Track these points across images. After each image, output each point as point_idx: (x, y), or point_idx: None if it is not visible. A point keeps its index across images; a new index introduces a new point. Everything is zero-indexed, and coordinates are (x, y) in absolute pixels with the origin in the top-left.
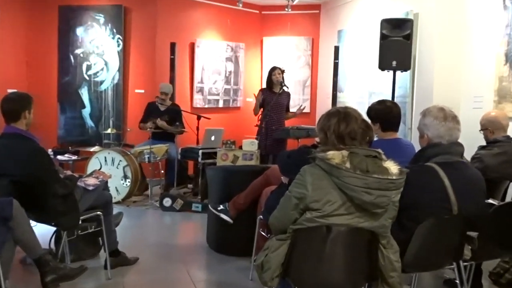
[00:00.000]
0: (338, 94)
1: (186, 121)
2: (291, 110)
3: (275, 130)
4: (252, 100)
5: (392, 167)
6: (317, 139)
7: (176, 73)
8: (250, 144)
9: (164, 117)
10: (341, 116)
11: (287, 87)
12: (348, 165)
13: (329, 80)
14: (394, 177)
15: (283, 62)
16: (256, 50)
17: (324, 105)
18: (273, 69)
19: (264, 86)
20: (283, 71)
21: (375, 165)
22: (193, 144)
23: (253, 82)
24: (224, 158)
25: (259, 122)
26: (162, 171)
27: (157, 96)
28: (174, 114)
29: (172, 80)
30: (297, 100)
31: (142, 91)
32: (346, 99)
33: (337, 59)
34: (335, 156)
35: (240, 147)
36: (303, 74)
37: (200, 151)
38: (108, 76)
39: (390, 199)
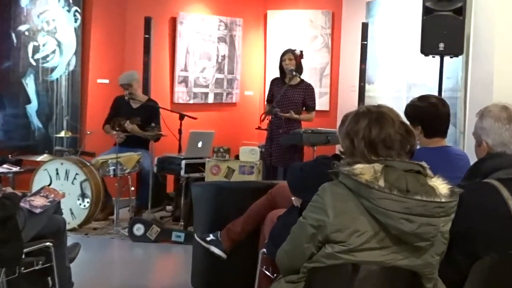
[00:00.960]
0: (367, 87)
1: (164, 121)
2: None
3: (282, 135)
4: (251, 94)
5: (441, 185)
6: (340, 148)
7: (151, 58)
8: (250, 153)
9: (136, 119)
10: (372, 117)
11: (297, 74)
12: (382, 183)
13: (355, 67)
14: (443, 199)
15: (294, 44)
16: (258, 27)
17: (348, 101)
18: (284, 53)
19: (271, 75)
20: (297, 56)
21: (417, 183)
22: (174, 152)
23: (254, 70)
24: (215, 171)
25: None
26: (133, 188)
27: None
28: (149, 114)
29: (146, 67)
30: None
31: (107, 81)
32: (378, 93)
33: (366, 40)
34: (364, 170)
35: (237, 157)
36: (320, 60)
37: (183, 162)
38: (62, 62)
39: (438, 229)
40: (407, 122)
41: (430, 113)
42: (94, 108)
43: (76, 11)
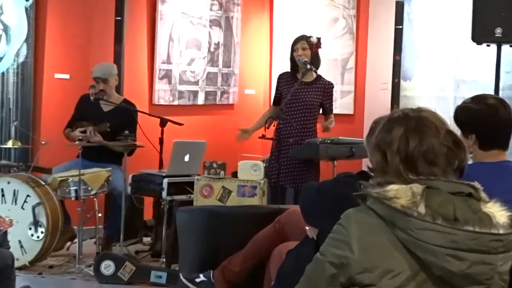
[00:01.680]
0: (403, 84)
1: (141, 128)
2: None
3: (293, 146)
4: (253, 93)
5: (498, 213)
6: (368, 163)
7: (124, 47)
8: (252, 169)
9: (104, 124)
10: (410, 124)
11: (313, 68)
12: (422, 209)
13: (387, 59)
14: (501, 231)
15: (308, 29)
16: (263, 7)
17: (378, 103)
18: (295, 41)
19: (279, 69)
20: (313, 45)
21: (468, 209)
22: (153, 168)
23: (257, 63)
24: (207, 192)
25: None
26: (100, 215)
27: (92, 85)
28: (123, 119)
29: (118, 58)
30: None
31: (67, 76)
32: (417, 92)
33: (401, 24)
34: (400, 193)
35: (235, 174)
36: (342, 49)
37: (165, 181)
38: (9, 51)
39: (495, 269)
40: (456, 130)
41: (487, 119)
42: (50, 111)
43: None
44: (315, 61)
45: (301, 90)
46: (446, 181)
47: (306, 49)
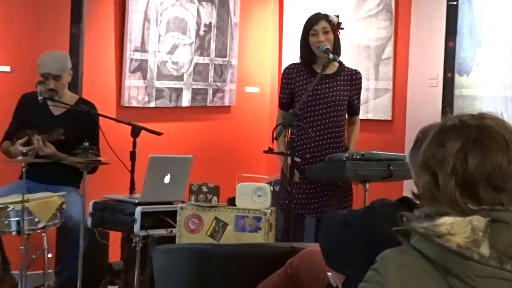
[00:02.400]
0: (459, 79)
1: (106, 139)
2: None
3: (311, 162)
4: (257, 91)
5: None
6: (412, 187)
7: (84, 29)
8: (255, 194)
9: (57, 131)
10: (470, 135)
11: (336, 58)
12: (486, 249)
13: (437, 46)
14: None
15: (330, 6)
16: None
17: (424, 105)
18: (312, 21)
19: (292, 60)
20: (334, 26)
21: None
22: (122, 192)
23: (262, 51)
24: (194, 226)
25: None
26: (50, 255)
27: (40, 82)
28: (81, 125)
29: (75, 44)
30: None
31: (7, 68)
32: (478, 92)
33: (456, 0)
34: (456, 228)
35: (232, 201)
36: (375, 33)
37: (138, 210)
38: None
39: None
40: None
41: None
42: None
43: None
44: (337, 48)
45: (322, 86)
46: None
47: (329, 33)
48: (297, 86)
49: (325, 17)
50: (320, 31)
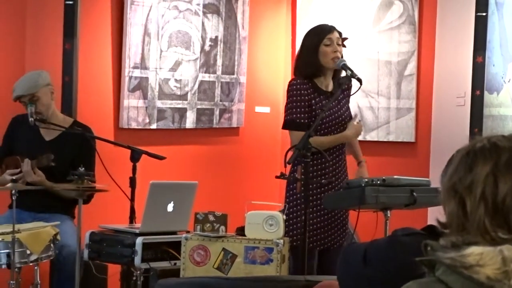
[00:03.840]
0: (488, 97)
1: (103, 164)
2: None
3: (327, 190)
4: (268, 112)
5: None
6: (437, 215)
7: (78, 44)
8: (266, 224)
9: (46, 157)
10: (502, 158)
11: (353, 74)
12: None
13: (465, 61)
14: None
15: (347, 18)
16: None
17: (450, 124)
18: (325, 30)
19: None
20: (343, 40)
21: None
22: (121, 222)
23: (273, 67)
24: (200, 258)
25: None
26: None
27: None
28: (75, 150)
29: (68, 61)
30: (381, 114)
31: None
32: (510, 111)
33: (486, 10)
34: (485, 259)
35: (240, 231)
36: (398, 48)
37: (139, 241)
38: None
39: None
40: None
41: None
42: None
43: None
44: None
45: (340, 105)
46: None
47: (340, 45)
48: (314, 103)
49: (335, 29)
50: (334, 40)
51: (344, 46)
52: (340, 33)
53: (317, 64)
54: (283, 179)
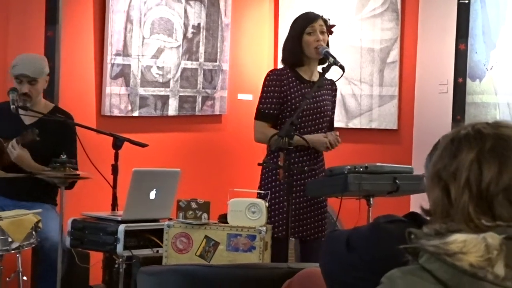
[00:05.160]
0: (471, 85)
1: (85, 151)
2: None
3: (308, 177)
4: (251, 99)
5: None
6: (421, 202)
7: (60, 31)
8: (249, 211)
9: (29, 132)
10: (486, 145)
11: (335, 61)
12: (501, 269)
13: (447, 48)
14: None
15: (330, 10)
16: None
17: (432, 112)
18: (309, 19)
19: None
20: (330, 28)
21: None
22: (104, 210)
23: (256, 54)
24: (183, 245)
25: (268, 155)
26: (25, 278)
27: (12, 89)
28: (56, 136)
29: (50, 48)
30: (364, 101)
31: None
32: (491, 97)
33: None
34: (469, 247)
35: (223, 218)
36: (380, 34)
37: (121, 229)
38: None
39: None
40: None
41: None
42: None
43: None
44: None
45: (319, 96)
46: None
47: (324, 33)
48: (289, 94)
49: (320, 17)
50: (318, 30)
51: (331, 33)
52: (325, 21)
53: (300, 53)
54: (266, 167)
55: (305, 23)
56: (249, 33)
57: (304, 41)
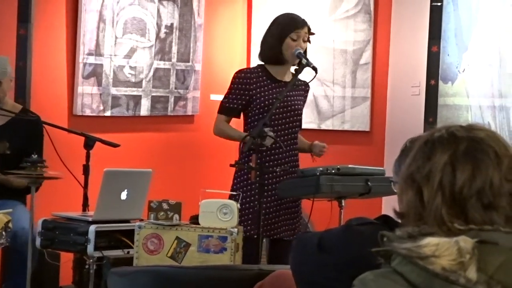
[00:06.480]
0: (443, 87)
1: (56, 151)
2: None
3: (281, 178)
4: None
5: None
6: (395, 204)
7: (32, 30)
8: (220, 212)
9: (2, 144)
10: (459, 148)
11: (308, 63)
12: (473, 273)
13: (419, 50)
14: None
15: (303, 7)
16: None
17: (405, 113)
18: (297, 24)
19: (254, 62)
20: (310, 35)
21: None
22: (75, 210)
23: (229, 54)
24: (154, 246)
25: (241, 154)
26: None
27: None
28: (25, 137)
29: (22, 47)
30: (337, 103)
31: None
32: (463, 100)
33: (441, 1)
34: (441, 249)
35: (194, 219)
36: (352, 36)
37: (92, 229)
38: None
39: None
40: None
41: None
42: None
43: None
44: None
45: (291, 96)
46: (509, 232)
47: (306, 42)
48: (257, 93)
49: (306, 24)
50: (302, 34)
51: (309, 41)
52: (309, 29)
53: (279, 52)
54: (238, 168)
55: (292, 27)
56: (222, 34)
57: (286, 43)
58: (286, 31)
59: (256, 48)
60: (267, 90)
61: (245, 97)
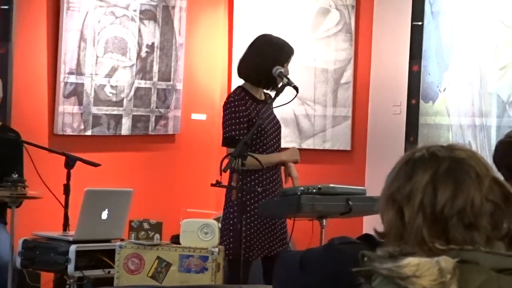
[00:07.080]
0: (424, 106)
1: (36, 170)
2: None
3: (262, 198)
4: (204, 119)
5: None
6: (376, 224)
7: (13, 49)
8: (201, 232)
9: None
10: (440, 168)
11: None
12: None
13: (401, 70)
14: None
15: (284, 25)
16: None
17: (386, 133)
18: (290, 52)
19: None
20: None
21: None
22: (55, 229)
23: (210, 74)
24: (134, 266)
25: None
26: None
27: None
28: (5, 155)
29: (3, 65)
30: (318, 121)
31: None
32: (444, 119)
33: (421, 20)
34: (422, 269)
35: (176, 239)
36: (334, 55)
37: (72, 249)
38: None
39: None
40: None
41: None
42: None
43: None
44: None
45: (273, 115)
46: (489, 252)
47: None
48: (250, 113)
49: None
50: (288, 64)
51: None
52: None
53: (268, 75)
54: (219, 187)
55: (288, 56)
56: (203, 53)
57: (276, 68)
58: (283, 60)
59: (235, 64)
60: (253, 110)
61: (246, 119)
